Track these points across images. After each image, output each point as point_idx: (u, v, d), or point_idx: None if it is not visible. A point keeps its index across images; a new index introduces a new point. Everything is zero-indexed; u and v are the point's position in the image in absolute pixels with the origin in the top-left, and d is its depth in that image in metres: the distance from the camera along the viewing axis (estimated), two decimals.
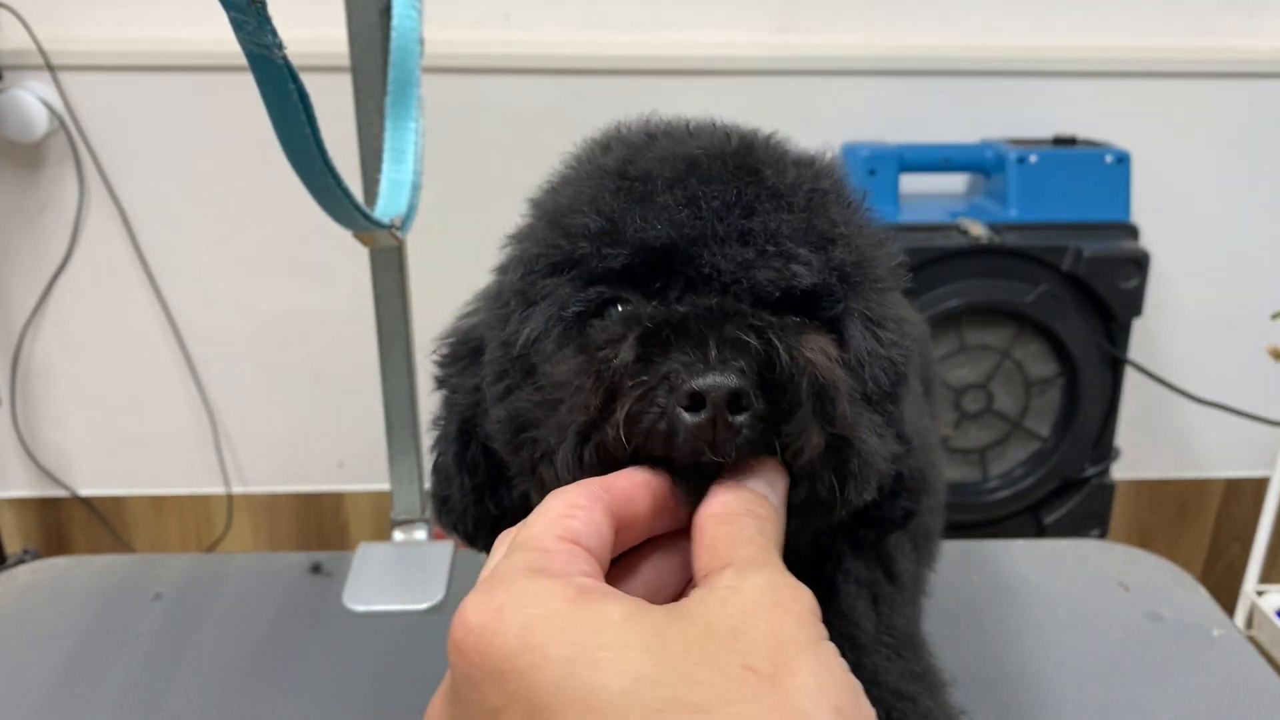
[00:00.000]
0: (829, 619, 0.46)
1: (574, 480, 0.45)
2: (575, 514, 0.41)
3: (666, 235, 0.50)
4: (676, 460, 0.44)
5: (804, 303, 0.51)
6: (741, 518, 0.42)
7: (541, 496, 0.45)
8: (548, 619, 0.36)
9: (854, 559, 0.63)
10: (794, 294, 0.50)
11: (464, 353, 0.62)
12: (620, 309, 0.51)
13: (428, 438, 0.66)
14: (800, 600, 0.38)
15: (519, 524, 0.44)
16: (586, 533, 0.41)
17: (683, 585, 0.45)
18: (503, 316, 0.55)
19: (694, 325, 0.45)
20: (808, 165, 0.55)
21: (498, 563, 0.41)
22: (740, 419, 0.43)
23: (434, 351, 0.64)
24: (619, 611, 0.36)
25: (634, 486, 0.44)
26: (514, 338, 0.53)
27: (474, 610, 0.37)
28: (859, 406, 0.50)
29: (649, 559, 0.45)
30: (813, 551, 0.61)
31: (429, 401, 0.66)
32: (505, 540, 0.44)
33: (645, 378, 0.44)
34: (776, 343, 0.44)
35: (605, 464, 0.45)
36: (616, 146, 0.57)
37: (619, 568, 0.44)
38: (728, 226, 0.50)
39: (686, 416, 0.43)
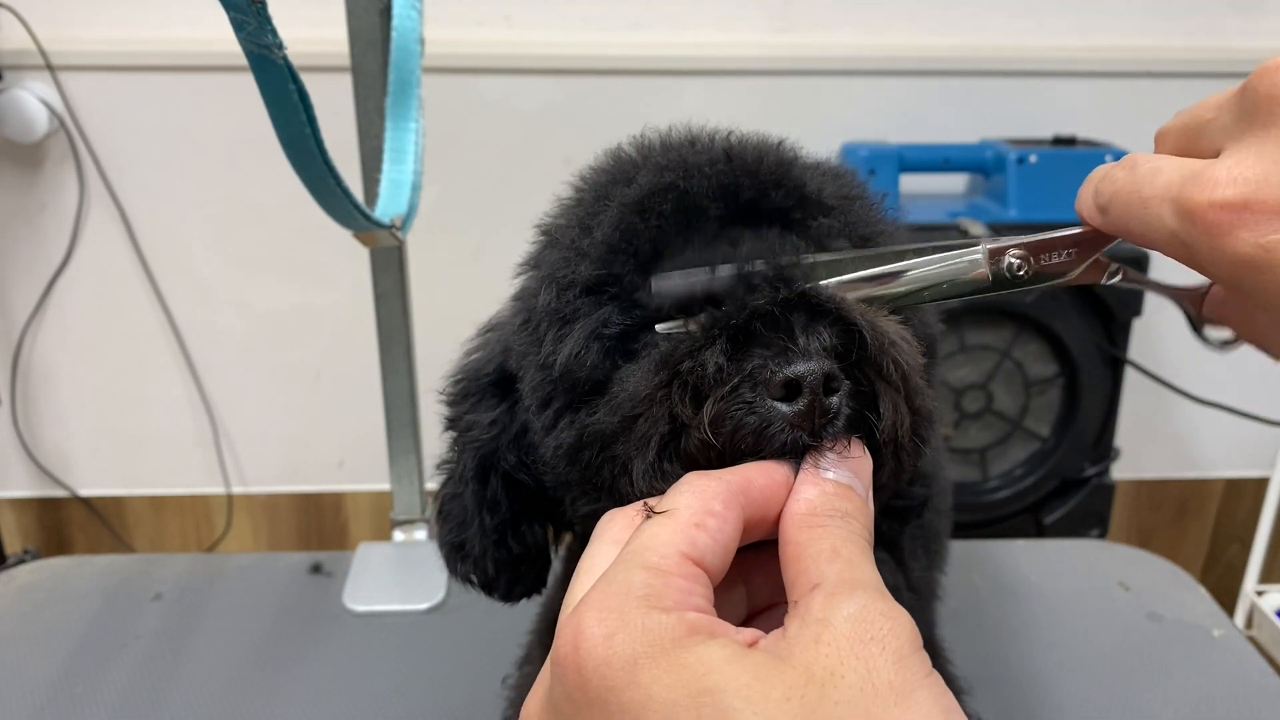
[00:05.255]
0: None
1: (652, 492, 0.44)
2: (707, 523, 0.40)
3: (711, 249, 0.50)
4: (766, 454, 0.43)
5: None
6: (827, 520, 0.41)
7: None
8: (655, 659, 0.36)
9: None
10: None
11: (475, 389, 0.61)
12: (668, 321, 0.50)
13: (428, 437, 0.66)
14: (896, 632, 0.36)
15: (637, 508, 0.42)
16: (713, 550, 0.39)
17: (774, 588, 0.44)
18: (535, 341, 0.54)
19: (774, 317, 0.44)
20: (835, 173, 0.56)
21: (613, 570, 0.39)
22: (834, 400, 0.43)
23: (441, 392, 0.63)
24: (720, 655, 0.36)
25: (773, 487, 0.42)
26: (552, 359, 0.52)
27: (589, 631, 0.37)
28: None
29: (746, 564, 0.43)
30: None
31: (428, 402, 0.66)
32: (616, 523, 0.43)
33: (729, 376, 0.43)
34: (859, 321, 0.44)
35: (688, 469, 0.44)
36: (640, 163, 0.55)
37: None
38: (768, 234, 0.50)
39: (783, 407, 0.42)
